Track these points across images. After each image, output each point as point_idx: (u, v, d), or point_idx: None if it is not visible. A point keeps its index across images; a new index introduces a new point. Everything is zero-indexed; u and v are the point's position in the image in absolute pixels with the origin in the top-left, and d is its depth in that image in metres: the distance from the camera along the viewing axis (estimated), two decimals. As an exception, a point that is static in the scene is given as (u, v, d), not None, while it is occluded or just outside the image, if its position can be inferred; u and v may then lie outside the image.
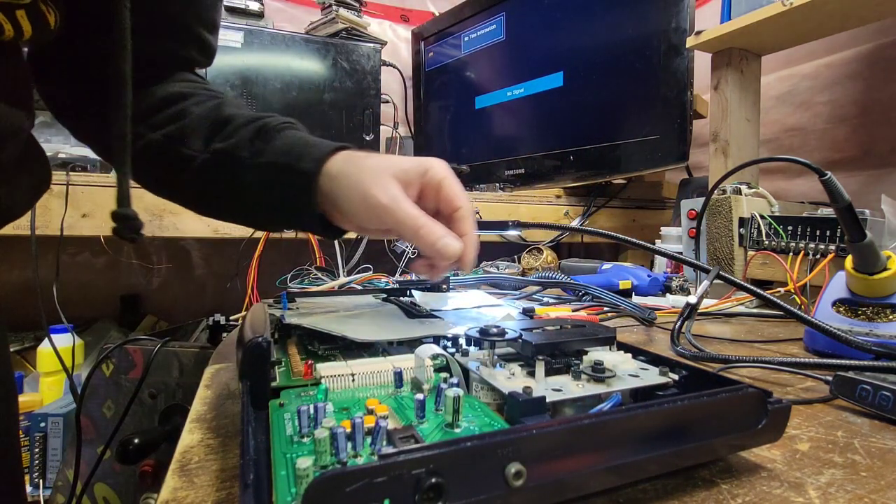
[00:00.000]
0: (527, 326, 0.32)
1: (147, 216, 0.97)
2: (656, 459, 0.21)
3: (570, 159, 1.24)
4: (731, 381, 0.24)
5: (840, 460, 0.25)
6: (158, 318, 1.46)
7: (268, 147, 0.38)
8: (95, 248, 1.30)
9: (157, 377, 0.74)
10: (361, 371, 0.28)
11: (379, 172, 0.35)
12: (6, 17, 0.33)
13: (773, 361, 0.38)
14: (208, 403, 0.34)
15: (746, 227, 0.71)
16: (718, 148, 0.94)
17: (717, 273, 0.50)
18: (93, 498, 0.75)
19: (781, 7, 0.77)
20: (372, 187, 0.34)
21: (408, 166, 0.36)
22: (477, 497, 0.17)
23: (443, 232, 0.33)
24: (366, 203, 0.34)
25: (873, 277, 0.44)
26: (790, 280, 0.62)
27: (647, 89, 1.06)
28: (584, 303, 0.70)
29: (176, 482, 0.24)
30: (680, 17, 0.98)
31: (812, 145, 1.13)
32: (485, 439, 0.17)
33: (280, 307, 0.43)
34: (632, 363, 0.29)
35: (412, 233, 0.33)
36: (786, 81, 1.17)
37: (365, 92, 1.47)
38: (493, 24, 1.43)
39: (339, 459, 0.19)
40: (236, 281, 1.13)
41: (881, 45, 1.01)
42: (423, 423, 0.23)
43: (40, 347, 1.02)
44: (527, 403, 0.23)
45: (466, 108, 1.54)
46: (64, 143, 1.09)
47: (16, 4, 0.33)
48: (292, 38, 1.40)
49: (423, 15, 1.88)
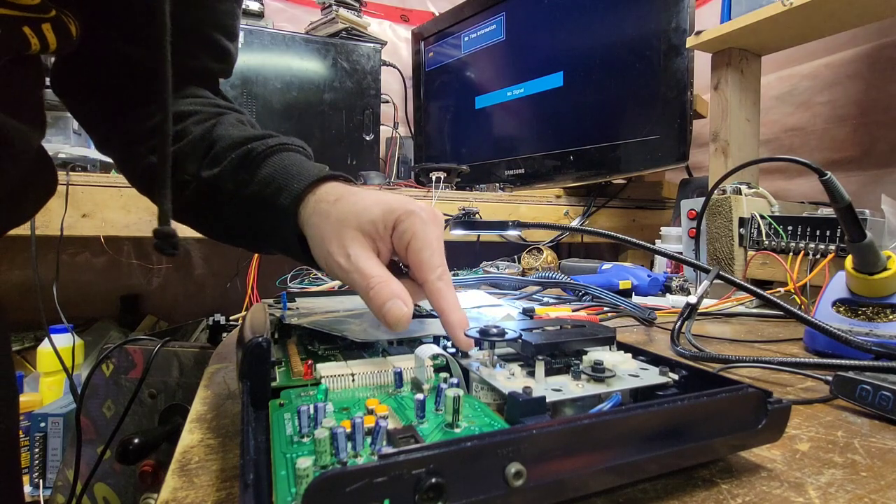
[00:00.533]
0: (527, 326, 0.32)
1: (147, 216, 0.97)
2: (656, 459, 0.21)
3: (570, 159, 1.24)
4: (731, 381, 0.24)
5: (840, 460, 0.25)
6: (158, 318, 1.46)
7: (252, 178, 0.36)
8: (95, 248, 1.30)
9: (157, 377, 0.74)
10: (361, 371, 0.28)
11: (342, 226, 0.31)
12: (32, 31, 0.33)
13: (773, 361, 0.38)
14: (208, 403, 0.35)
15: (746, 227, 0.71)
16: (718, 148, 0.94)
17: (717, 273, 0.50)
18: (93, 498, 0.75)
19: (781, 7, 0.77)
20: (332, 244, 0.31)
21: (377, 216, 0.31)
22: (477, 497, 0.17)
23: (393, 293, 0.29)
24: (326, 261, 0.32)
25: (873, 277, 0.44)
26: (790, 280, 0.62)
27: (647, 89, 1.06)
28: (584, 303, 0.70)
29: (176, 482, 0.24)
30: (680, 17, 0.98)
31: (812, 145, 1.13)
32: (485, 439, 0.17)
33: (280, 307, 0.43)
34: (632, 363, 0.29)
35: (365, 297, 0.30)
36: (786, 81, 1.17)
37: (365, 92, 1.47)
38: (493, 24, 1.43)
39: (339, 459, 0.19)
40: (236, 281, 1.13)
41: (881, 45, 1.01)
42: (423, 423, 0.23)
43: (40, 347, 1.02)
44: (527, 403, 0.23)
45: (466, 108, 1.54)
46: (64, 142, 1.09)
47: (42, 18, 0.33)
48: (292, 38, 1.40)
49: (423, 15, 1.88)
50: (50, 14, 0.33)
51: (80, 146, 1.11)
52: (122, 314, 1.43)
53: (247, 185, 0.36)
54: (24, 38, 0.32)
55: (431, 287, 0.30)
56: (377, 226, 0.31)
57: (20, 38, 0.32)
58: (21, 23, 0.32)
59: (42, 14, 0.33)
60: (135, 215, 0.97)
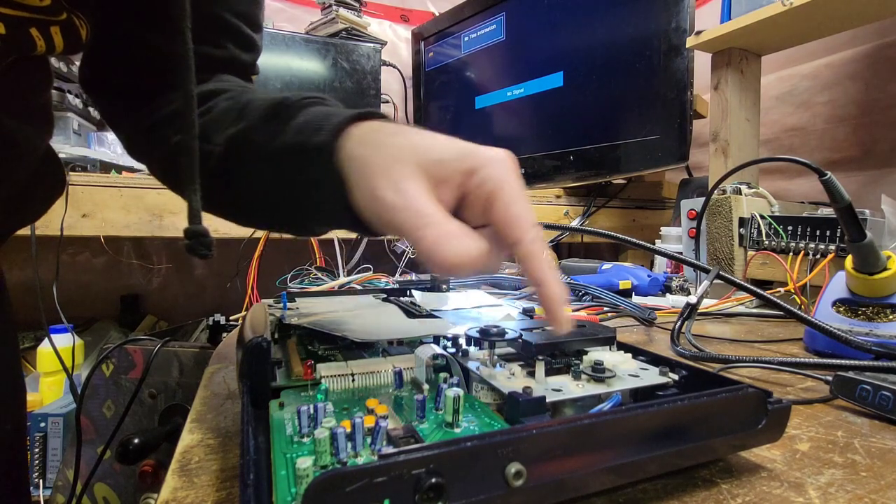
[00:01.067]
0: (527, 326, 0.32)
1: (147, 216, 0.97)
2: (656, 459, 0.21)
3: (570, 159, 1.24)
4: (731, 381, 0.24)
5: (840, 460, 0.25)
6: (158, 318, 1.46)
7: (285, 128, 0.30)
8: (95, 248, 1.30)
9: (157, 377, 0.74)
10: (361, 371, 0.28)
11: (396, 161, 0.25)
12: (40, 33, 0.32)
13: (773, 361, 0.38)
14: (208, 403, 0.34)
15: (746, 227, 0.71)
16: (718, 148, 0.94)
17: (717, 273, 0.50)
18: (93, 498, 0.75)
19: (781, 7, 0.77)
20: (380, 178, 0.24)
21: (447, 156, 0.25)
22: (477, 497, 0.17)
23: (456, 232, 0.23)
24: (372, 198, 0.25)
25: (873, 277, 0.44)
26: (790, 280, 0.62)
27: (647, 89, 1.06)
28: (584, 303, 0.70)
29: (176, 482, 0.24)
30: (680, 17, 0.98)
31: (812, 145, 1.13)
32: (485, 439, 0.17)
33: (280, 307, 0.43)
34: (632, 363, 0.29)
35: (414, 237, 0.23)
36: (786, 81, 1.17)
37: (365, 92, 1.47)
38: (493, 23, 1.43)
39: (339, 459, 0.19)
40: (236, 281, 1.13)
41: (881, 45, 1.01)
42: (423, 423, 0.23)
43: (40, 347, 1.02)
44: (527, 403, 0.23)
45: (466, 108, 1.54)
46: (64, 143, 1.09)
47: (51, 21, 0.33)
48: (292, 38, 1.40)
49: (423, 15, 1.88)
50: (60, 17, 0.33)
51: (80, 146, 1.11)
52: (122, 314, 1.43)
53: (278, 135, 0.30)
54: (30, 39, 0.32)
55: (526, 249, 0.24)
56: (445, 166, 0.25)
57: (26, 39, 0.32)
58: (29, 24, 0.32)
59: (52, 17, 0.33)
60: (135, 215, 0.97)
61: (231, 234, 0.99)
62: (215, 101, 0.37)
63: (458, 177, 0.25)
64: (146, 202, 0.95)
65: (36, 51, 0.33)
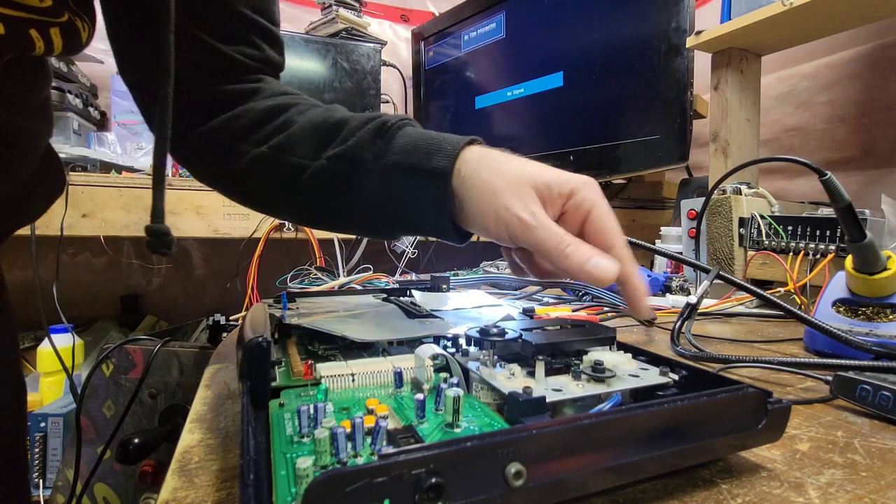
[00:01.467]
0: (527, 326, 0.32)
1: (147, 216, 0.97)
2: (656, 459, 0.21)
3: (570, 159, 1.24)
4: (731, 381, 0.24)
5: (840, 460, 0.25)
6: (158, 318, 1.46)
7: (390, 147, 0.35)
8: (95, 248, 1.30)
9: (157, 377, 0.74)
10: (361, 371, 0.28)
11: (520, 183, 0.31)
12: (39, 34, 0.32)
13: (773, 361, 0.38)
14: (208, 403, 0.34)
15: (746, 227, 0.71)
16: (718, 148, 0.94)
17: (717, 273, 0.50)
18: (93, 498, 0.75)
19: (781, 7, 0.77)
20: (509, 198, 0.31)
21: (551, 180, 0.32)
22: (477, 497, 0.17)
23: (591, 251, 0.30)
24: (498, 215, 0.31)
25: (873, 277, 0.44)
26: (790, 280, 0.62)
27: (647, 89, 1.06)
28: (584, 303, 0.70)
29: (176, 482, 0.24)
30: (680, 17, 0.98)
31: (812, 145, 1.13)
32: (485, 439, 0.17)
33: (280, 307, 0.43)
34: (632, 363, 0.29)
35: (557, 254, 0.30)
36: (786, 81, 1.17)
37: (365, 92, 1.47)
38: (493, 23, 1.43)
39: (339, 459, 0.19)
40: (236, 281, 1.13)
41: (881, 45, 1.01)
42: (423, 423, 0.23)
43: (40, 347, 1.02)
44: (527, 403, 0.23)
45: (466, 107, 1.54)
46: (64, 143, 1.09)
47: (51, 22, 0.33)
48: (292, 38, 1.40)
49: (423, 15, 1.88)
50: (61, 18, 0.33)
51: (80, 146, 1.11)
52: (122, 314, 1.43)
53: (384, 154, 0.35)
54: (29, 40, 0.32)
55: (619, 253, 0.31)
56: (552, 189, 0.32)
57: (25, 40, 0.32)
58: (28, 25, 0.31)
59: (53, 18, 0.33)
60: (135, 215, 0.97)
61: (231, 234, 0.99)
62: (288, 115, 0.40)
63: (562, 199, 0.32)
64: (146, 202, 0.95)
65: (34, 51, 0.32)
